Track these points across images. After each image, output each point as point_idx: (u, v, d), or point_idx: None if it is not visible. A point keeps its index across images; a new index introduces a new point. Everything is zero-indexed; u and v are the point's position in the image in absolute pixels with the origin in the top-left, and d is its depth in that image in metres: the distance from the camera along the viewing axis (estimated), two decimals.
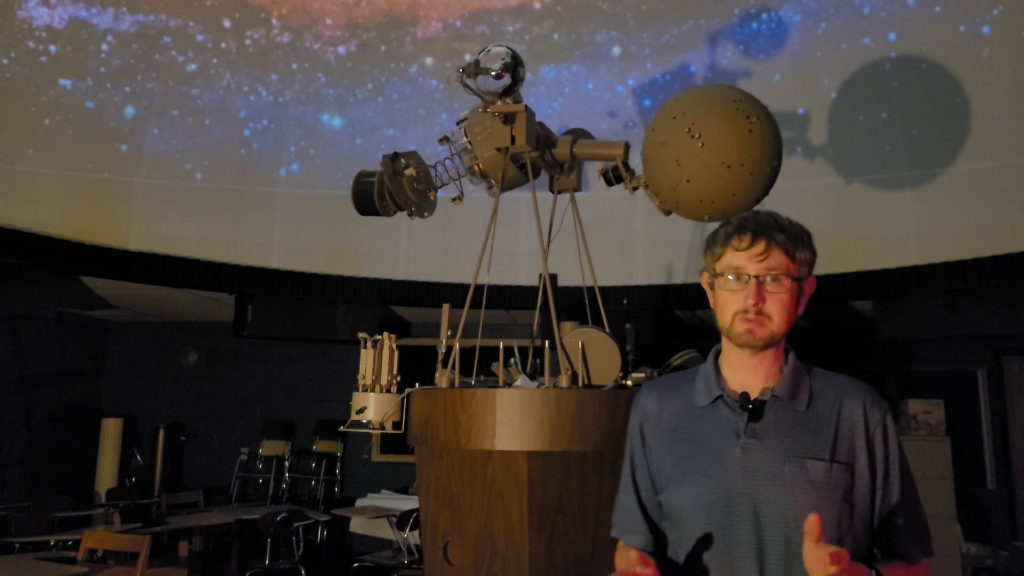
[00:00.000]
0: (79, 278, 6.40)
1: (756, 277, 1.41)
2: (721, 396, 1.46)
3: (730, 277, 1.43)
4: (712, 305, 1.50)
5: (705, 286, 1.52)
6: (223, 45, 6.51)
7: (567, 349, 2.94)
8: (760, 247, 1.41)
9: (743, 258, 1.42)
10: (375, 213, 3.73)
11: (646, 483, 1.54)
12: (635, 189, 3.54)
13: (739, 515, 1.37)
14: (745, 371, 1.47)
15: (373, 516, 6.60)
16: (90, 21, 6.17)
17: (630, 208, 6.08)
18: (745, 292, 1.41)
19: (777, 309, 1.42)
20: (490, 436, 2.65)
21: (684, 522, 1.43)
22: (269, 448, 8.49)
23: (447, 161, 3.62)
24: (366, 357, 3.30)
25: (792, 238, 1.43)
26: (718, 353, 1.54)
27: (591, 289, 3.49)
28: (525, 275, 5.30)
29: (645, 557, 1.25)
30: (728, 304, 1.44)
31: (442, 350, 3.09)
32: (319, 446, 8.49)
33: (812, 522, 1.18)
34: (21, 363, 7.73)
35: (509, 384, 2.97)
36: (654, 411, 1.55)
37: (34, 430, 7.85)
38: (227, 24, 6.47)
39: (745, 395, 1.43)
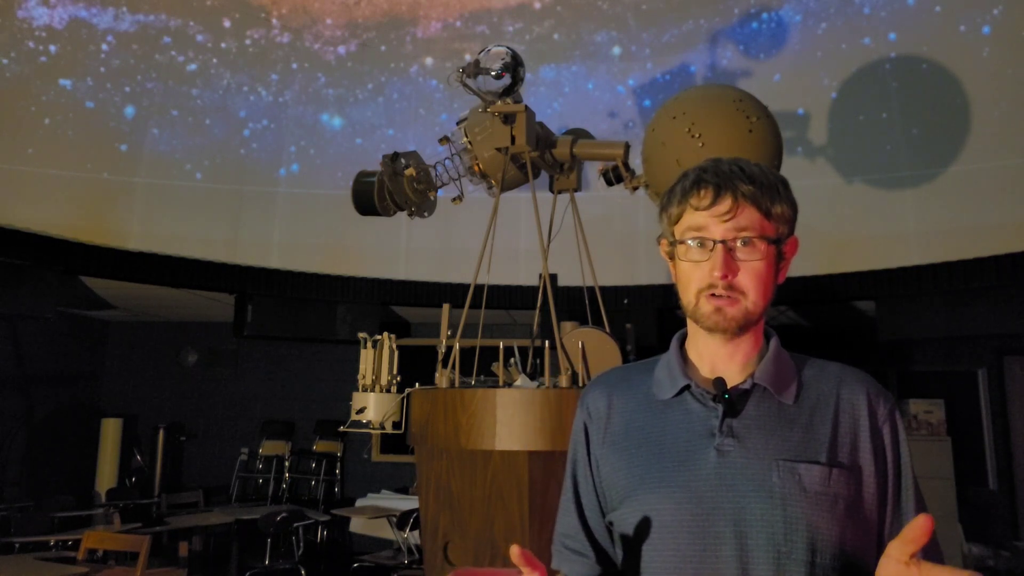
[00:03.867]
0: (79, 278, 6.39)
1: (723, 243, 1.12)
2: (688, 387, 1.17)
3: (691, 243, 1.15)
4: (674, 279, 1.21)
5: (665, 256, 1.23)
6: (223, 45, 6.51)
7: (567, 349, 2.94)
8: (726, 204, 1.13)
9: (705, 219, 1.14)
10: (375, 213, 3.73)
11: (592, 502, 1.24)
12: (635, 189, 3.54)
13: (716, 537, 1.07)
14: (717, 358, 1.18)
15: (373, 516, 6.60)
16: (90, 21, 6.16)
17: (630, 208, 6.08)
18: (710, 263, 1.12)
19: (751, 281, 1.12)
20: (490, 436, 2.65)
21: (643, 549, 1.12)
22: (269, 448, 8.48)
23: (447, 161, 3.62)
24: (366, 357, 3.30)
25: (765, 189, 1.14)
26: (683, 337, 1.25)
27: (591, 289, 3.49)
28: (525, 275, 5.30)
29: (531, 557, 0.98)
30: (691, 278, 1.15)
31: (442, 350, 3.09)
32: (319, 446, 8.49)
33: (922, 527, 0.87)
34: (21, 363, 7.73)
35: (509, 384, 2.96)
36: (601, 410, 1.25)
37: (34, 430, 7.85)
38: (227, 24, 6.47)
39: (720, 381, 1.14)
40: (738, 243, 1.13)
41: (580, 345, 2.92)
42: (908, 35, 5.65)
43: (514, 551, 0.97)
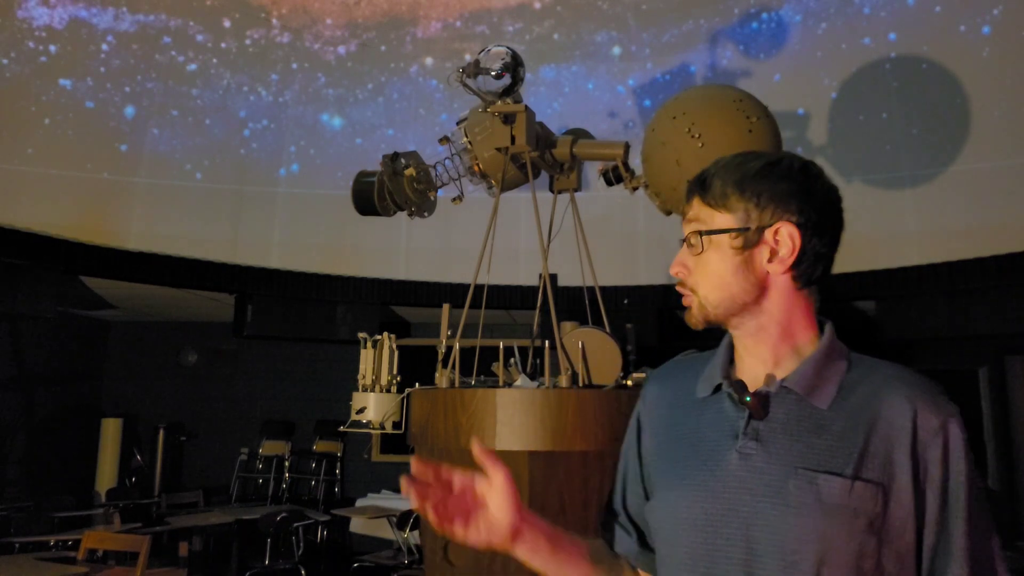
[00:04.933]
0: (79, 278, 6.39)
1: (683, 240, 1.16)
2: (722, 385, 1.15)
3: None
4: None
5: None
6: (223, 45, 6.50)
7: (567, 349, 2.93)
8: (687, 205, 1.17)
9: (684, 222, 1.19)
10: (375, 213, 3.73)
11: (636, 487, 1.26)
12: (635, 189, 3.54)
13: (726, 539, 1.06)
14: (748, 356, 1.16)
15: (373, 516, 6.60)
16: (90, 21, 6.16)
17: (630, 208, 6.07)
18: None
19: (699, 275, 1.14)
20: (490, 436, 2.65)
21: (663, 542, 1.15)
22: (269, 448, 8.48)
23: (447, 161, 3.62)
24: (366, 357, 3.30)
25: (714, 182, 1.13)
26: None
27: (591, 289, 3.49)
28: (525, 275, 5.30)
29: (493, 455, 1.07)
30: None
31: (442, 350, 3.09)
32: (319, 446, 8.48)
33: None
34: (21, 363, 7.73)
35: (509, 384, 2.96)
36: (653, 400, 1.26)
37: (34, 430, 7.84)
38: (227, 24, 6.47)
39: (740, 384, 1.11)
40: (690, 239, 1.14)
41: (580, 345, 2.92)
42: (908, 35, 5.65)
43: (476, 447, 1.05)
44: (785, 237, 1.12)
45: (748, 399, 1.09)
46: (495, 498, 1.12)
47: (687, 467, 1.13)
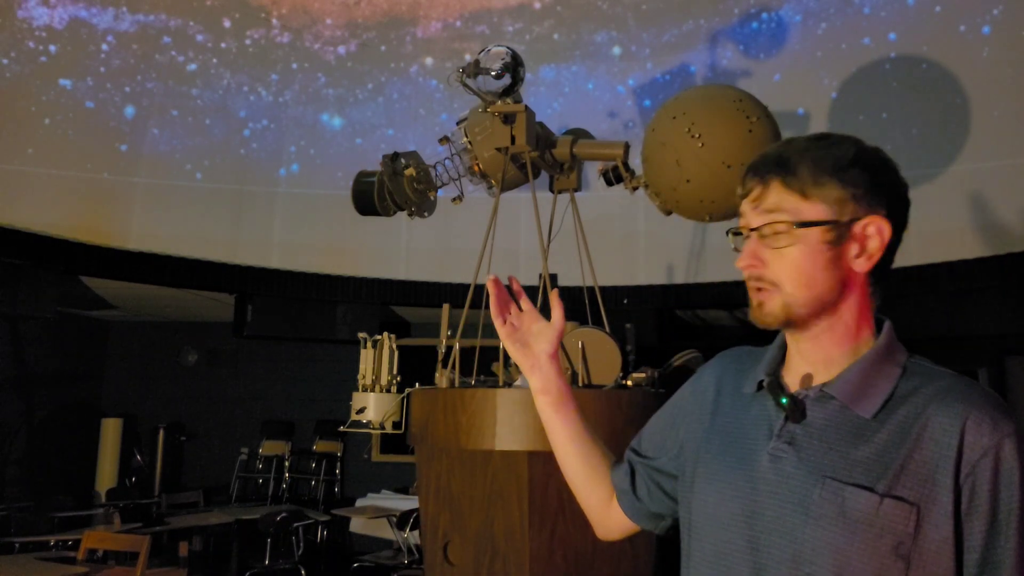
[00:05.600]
0: (79, 278, 6.39)
1: (754, 230, 1.06)
2: (763, 383, 1.10)
3: (732, 234, 1.11)
4: None
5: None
6: (223, 45, 6.50)
7: (567, 349, 2.94)
8: (755, 189, 1.06)
9: (744, 206, 1.09)
10: (375, 213, 3.73)
11: (653, 437, 1.28)
12: (635, 189, 3.54)
13: (747, 541, 1.03)
14: (798, 355, 1.10)
15: (373, 516, 6.60)
16: (90, 21, 6.16)
17: (630, 208, 6.07)
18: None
19: (783, 270, 1.03)
20: (490, 436, 2.64)
21: (694, 537, 1.12)
22: (269, 448, 8.48)
23: (447, 161, 3.62)
24: (366, 357, 3.30)
25: (802, 166, 1.03)
26: None
27: (591, 289, 3.49)
28: (525, 275, 5.29)
29: (561, 303, 1.26)
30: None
31: (442, 350, 3.09)
32: (319, 446, 8.49)
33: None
34: (21, 363, 7.73)
35: (509, 384, 2.96)
36: (708, 382, 1.22)
37: (34, 430, 7.85)
38: (227, 24, 6.47)
39: (774, 384, 1.07)
40: (768, 229, 1.04)
41: (580, 345, 2.92)
42: (908, 35, 5.64)
43: (552, 295, 1.28)
44: (874, 232, 1.04)
45: (784, 401, 1.04)
46: (544, 330, 1.31)
47: (723, 463, 1.09)
